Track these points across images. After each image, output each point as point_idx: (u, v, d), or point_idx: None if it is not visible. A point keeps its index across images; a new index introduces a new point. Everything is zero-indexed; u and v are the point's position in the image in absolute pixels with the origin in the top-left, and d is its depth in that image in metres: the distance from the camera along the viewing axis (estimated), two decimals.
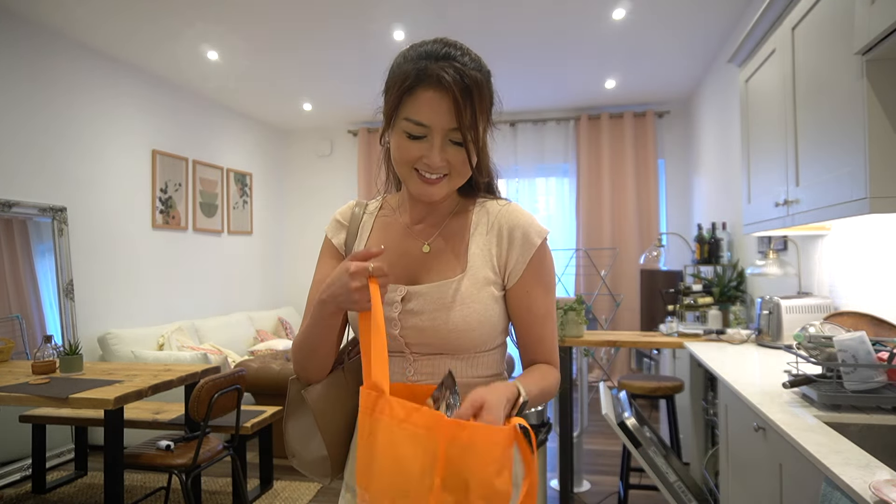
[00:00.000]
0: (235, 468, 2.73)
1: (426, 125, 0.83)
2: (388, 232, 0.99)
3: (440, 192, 0.89)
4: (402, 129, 0.85)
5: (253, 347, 4.82)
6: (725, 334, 2.65)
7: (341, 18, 3.52)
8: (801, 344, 1.60)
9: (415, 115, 0.84)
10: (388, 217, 1.01)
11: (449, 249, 0.94)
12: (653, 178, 5.35)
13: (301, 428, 0.96)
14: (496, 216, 0.95)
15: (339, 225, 1.03)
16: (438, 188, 0.88)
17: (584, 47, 3.99)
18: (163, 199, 4.54)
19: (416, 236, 0.96)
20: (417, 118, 0.83)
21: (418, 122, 0.84)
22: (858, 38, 1.35)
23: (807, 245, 2.60)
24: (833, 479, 1.00)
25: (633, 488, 2.87)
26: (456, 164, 0.87)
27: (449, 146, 0.85)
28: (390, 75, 0.89)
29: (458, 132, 0.84)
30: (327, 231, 1.04)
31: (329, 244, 1.02)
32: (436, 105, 0.82)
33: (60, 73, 3.68)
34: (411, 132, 0.85)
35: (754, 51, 2.31)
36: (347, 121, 5.98)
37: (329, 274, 0.95)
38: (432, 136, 0.84)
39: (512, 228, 0.93)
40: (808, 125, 1.79)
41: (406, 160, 0.87)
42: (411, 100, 0.84)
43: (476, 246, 0.93)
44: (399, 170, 0.89)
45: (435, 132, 0.84)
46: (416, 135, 0.85)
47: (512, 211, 0.95)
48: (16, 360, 3.06)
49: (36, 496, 3.04)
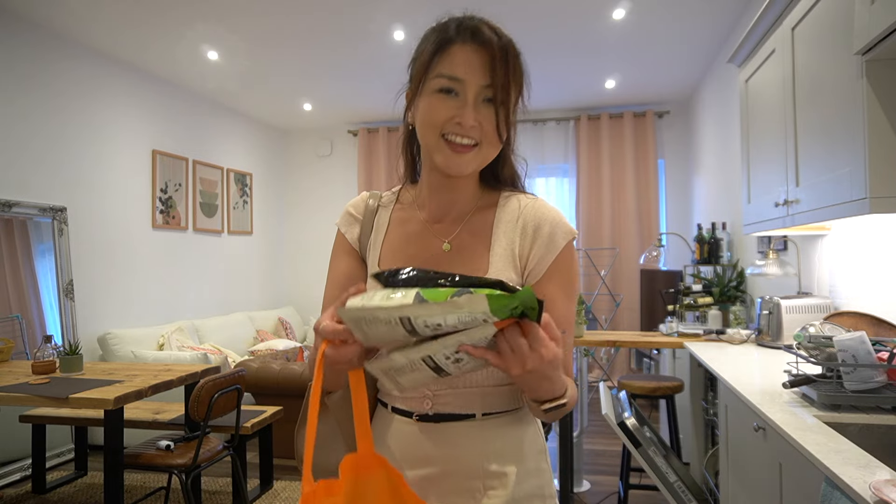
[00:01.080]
0: (235, 468, 2.73)
1: (460, 79, 0.79)
2: (405, 228, 0.93)
3: (469, 164, 0.83)
4: (433, 88, 0.81)
5: (253, 347, 4.82)
6: (725, 334, 2.65)
7: (341, 18, 3.52)
8: (801, 344, 1.60)
9: (448, 69, 0.80)
10: (405, 212, 0.94)
11: (471, 249, 0.88)
12: (653, 178, 5.35)
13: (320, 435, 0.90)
14: (522, 211, 0.89)
15: (352, 219, 0.96)
16: (468, 159, 0.82)
17: (584, 47, 3.99)
18: (163, 199, 4.54)
19: (435, 234, 0.90)
20: (451, 72, 0.80)
21: (452, 76, 0.80)
22: (858, 39, 1.35)
23: (807, 245, 2.60)
24: (833, 479, 1.00)
25: (633, 488, 2.86)
26: (487, 129, 0.81)
27: (482, 106, 0.81)
28: (421, 43, 0.86)
29: (491, 90, 0.80)
30: (339, 225, 0.97)
31: (342, 240, 0.96)
32: (471, 59, 0.79)
33: (60, 74, 3.68)
34: (443, 87, 0.80)
35: (754, 51, 2.31)
36: (347, 121, 5.98)
37: (344, 272, 0.93)
38: (465, 92, 0.80)
39: (538, 224, 0.87)
40: (807, 125, 1.79)
41: (436, 122, 0.81)
42: (445, 56, 0.80)
43: (499, 245, 0.87)
44: (426, 138, 0.83)
45: (469, 87, 0.80)
46: (449, 88, 0.80)
47: (540, 206, 0.89)
48: (16, 360, 3.06)
49: (36, 496, 3.04)
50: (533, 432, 0.90)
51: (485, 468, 0.84)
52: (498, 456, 0.85)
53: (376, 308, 0.64)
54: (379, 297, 0.65)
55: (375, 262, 0.91)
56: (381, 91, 4.89)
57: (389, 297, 0.64)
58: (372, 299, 0.65)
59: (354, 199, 0.98)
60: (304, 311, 6.18)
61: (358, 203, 0.97)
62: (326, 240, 6.17)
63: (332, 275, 0.95)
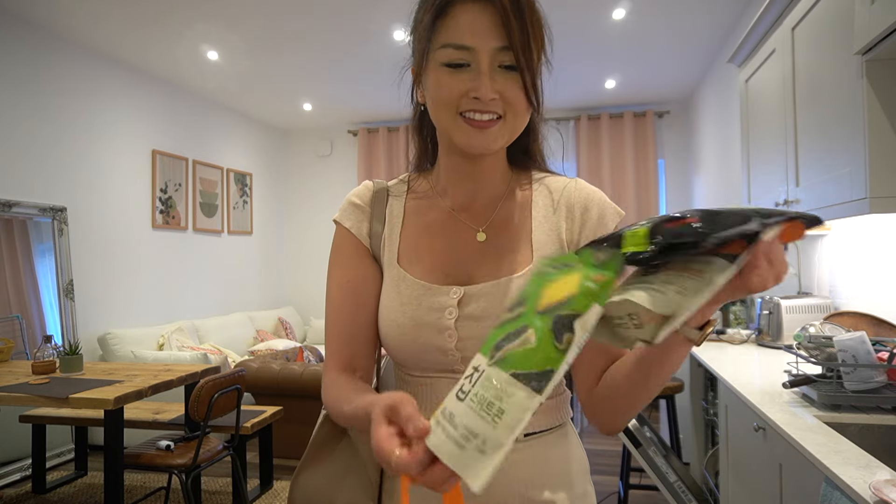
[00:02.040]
0: (235, 468, 2.73)
1: (469, 47, 0.67)
2: (426, 218, 0.80)
3: (496, 140, 0.70)
4: (438, 62, 0.69)
5: (253, 347, 4.82)
6: (725, 334, 2.65)
7: (341, 18, 3.52)
8: (801, 344, 1.60)
9: (454, 37, 0.67)
10: (422, 201, 0.81)
11: (508, 237, 0.76)
12: (653, 178, 5.35)
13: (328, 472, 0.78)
14: (562, 192, 0.78)
15: (358, 210, 0.81)
16: (492, 134, 0.69)
17: (584, 47, 3.99)
18: (163, 199, 4.54)
19: (465, 222, 0.78)
20: (458, 40, 0.67)
21: (459, 44, 0.67)
22: (858, 39, 1.35)
23: (807, 245, 2.60)
24: (833, 479, 1.00)
25: (633, 488, 2.86)
26: (511, 98, 0.68)
27: (499, 74, 0.68)
28: (417, 8, 0.74)
29: (508, 53, 0.67)
30: (341, 219, 0.81)
31: (346, 237, 0.80)
32: (478, 20, 0.66)
33: (60, 74, 3.68)
34: (451, 60, 0.68)
35: (754, 51, 2.31)
36: (347, 121, 5.98)
37: (351, 278, 0.79)
38: (478, 61, 0.67)
39: (586, 206, 0.77)
40: (807, 125, 1.79)
41: (448, 99, 0.69)
42: (446, 22, 0.68)
43: (542, 232, 0.76)
44: (441, 119, 0.71)
45: (481, 54, 0.67)
46: (458, 61, 0.67)
47: (583, 186, 0.79)
48: (16, 360, 3.06)
49: (36, 496, 3.04)
50: (579, 451, 0.80)
51: (529, 497, 0.73)
52: (543, 482, 0.74)
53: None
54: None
55: (394, 258, 0.78)
56: (381, 91, 4.89)
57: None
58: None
59: (357, 188, 0.84)
60: (304, 311, 6.18)
61: (363, 193, 0.83)
62: (327, 240, 6.16)
63: (336, 281, 0.79)
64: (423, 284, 0.75)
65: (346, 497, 0.77)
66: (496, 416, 0.47)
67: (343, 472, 0.78)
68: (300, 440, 3.88)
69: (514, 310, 0.53)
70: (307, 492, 0.78)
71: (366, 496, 0.77)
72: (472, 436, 0.47)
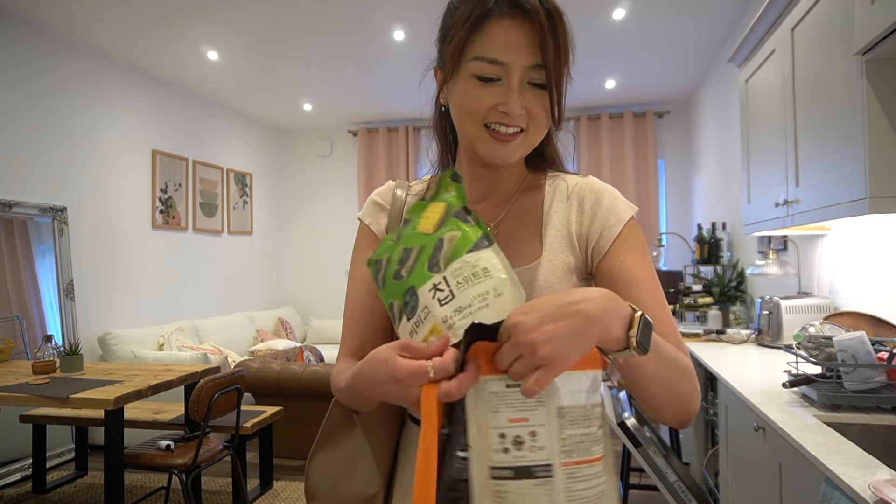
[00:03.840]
0: (235, 468, 2.73)
1: (502, 62, 0.68)
2: None
3: (515, 153, 0.73)
4: (469, 74, 0.70)
5: (253, 347, 4.82)
6: (725, 334, 2.65)
7: (341, 19, 3.52)
8: (801, 344, 1.60)
9: (487, 51, 0.68)
10: None
11: (519, 231, 0.78)
12: (653, 178, 5.35)
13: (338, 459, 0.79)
14: (574, 188, 0.80)
15: (379, 208, 0.84)
16: (513, 147, 0.72)
17: (584, 47, 3.99)
18: (163, 199, 4.54)
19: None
20: (491, 55, 0.68)
21: (493, 59, 0.68)
22: (858, 39, 1.35)
23: (807, 245, 2.60)
24: (833, 479, 1.00)
25: (633, 488, 2.87)
26: (536, 114, 0.71)
27: (528, 90, 0.70)
28: (447, 15, 0.74)
29: (539, 70, 0.68)
30: (363, 217, 0.85)
31: (367, 234, 0.84)
32: (514, 37, 0.67)
33: (61, 74, 3.68)
34: (483, 73, 0.69)
35: (754, 51, 2.31)
36: (347, 121, 5.98)
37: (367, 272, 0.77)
38: (509, 77, 0.69)
39: (597, 198, 0.78)
40: (807, 125, 1.79)
41: (476, 111, 0.70)
42: (481, 35, 0.68)
43: (552, 227, 0.77)
44: (465, 128, 0.73)
45: (513, 71, 0.68)
46: (490, 76, 0.69)
47: (593, 182, 0.80)
48: (16, 360, 3.06)
49: (36, 496, 3.04)
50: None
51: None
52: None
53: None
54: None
55: None
56: (381, 91, 4.89)
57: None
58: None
59: (380, 188, 0.87)
60: (304, 311, 6.18)
61: (385, 192, 0.86)
62: (327, 240, 6.19)
63: (354, 275, 0.83)
64: None
65: (353, 487, 0.78)
66: (484, 274, 0.60)
67: (351, 462, 0.79)
68: (300, 440, 3.88)
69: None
70: (321, 474, 0.79)
71: (372, 485, 0.77)
72: (484, 296, 0.59)
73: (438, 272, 0.62)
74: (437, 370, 0.52)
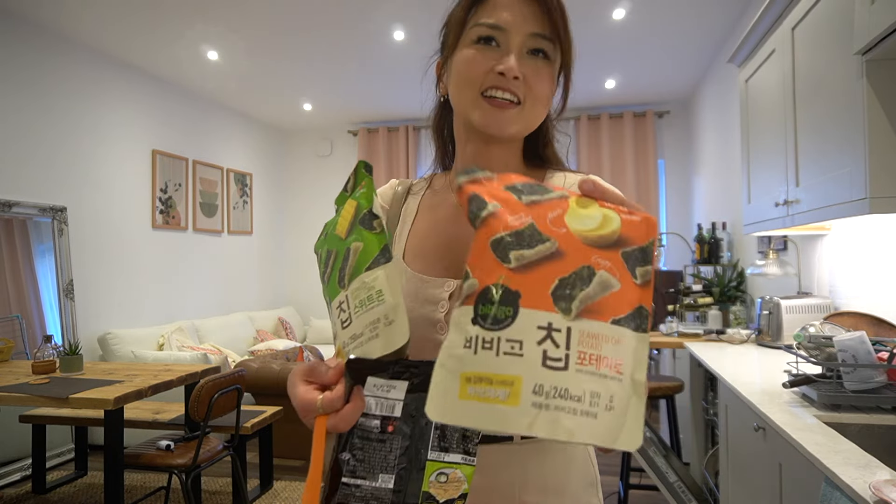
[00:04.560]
0: (235, 468, 2.73)
1: (501, 26, 0.68)
2: (435, 214, 0.81)
3: (511, 122, 0.70)
4: (469, 40, 0.70)
5: (253, 347, 4.82)
6: (725, 334, 2.65)
7: (341, 19, 3.52)
8: (801, 344, 1.60)
9: (488, 17, 0.68)
10: (436, 197, 0.83)
11: None
12: (653, 178, 5.35)
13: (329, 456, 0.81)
14: (573, 186, 0.76)
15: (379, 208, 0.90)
16: (509, 115, 0.70)
17: (584, 47, 3.99)
18: (163, 199, 4.54)
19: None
20: (492, 20, 0.68)
21: (493, 23, 0.68)
22: (858, 39, 1.35)
23: (807, 245, 2.60)
24: (833, 479, 1.00)
25: (633, 488, 2.86)
26: (534, 84, 0.69)
27: (527, 59, 0.69)
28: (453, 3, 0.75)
29: (541, 40, 0.68)
30: None
31: None
32: (516, 6, 0.68)
33: (61, 74, 3.68)
34: (482, 34, 0.69)
35: (754, 51, 2.31)
36: (347, 121, 5.98)
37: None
38: (508, 42, 0.68)
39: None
40: (807, 125, 1.79)
41: (473, 75, 0.69)
42: (485, 5, 0.69)
43: None
44: (462, 95, 0.72)
45: (512, 35, 0.68)
46: (489, 36, 0.69)
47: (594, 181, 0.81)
48: (16, 360, 3.06)
49: (36, 496, 3.04)
50: (583, 461, 0.77)
51: (521, 500, 0.72)
52: (537, 487, 0.73)
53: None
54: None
55: (401, 253, 0.81)
56: (381, 91, 4.89)
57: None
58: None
59: (382, 186, 0.87)
60: (304, 311, 6.18)
61: (385, 191, 0.86)
62: None
63: None
64: (421, 278, 0.76)
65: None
66: (378, 298, 0.55)
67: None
68: (300, 440, 3.88)
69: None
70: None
71: None
72: (375, 324, 0.55)
73: (343, 289, 0.58)
74: (323, 406, 0.52)
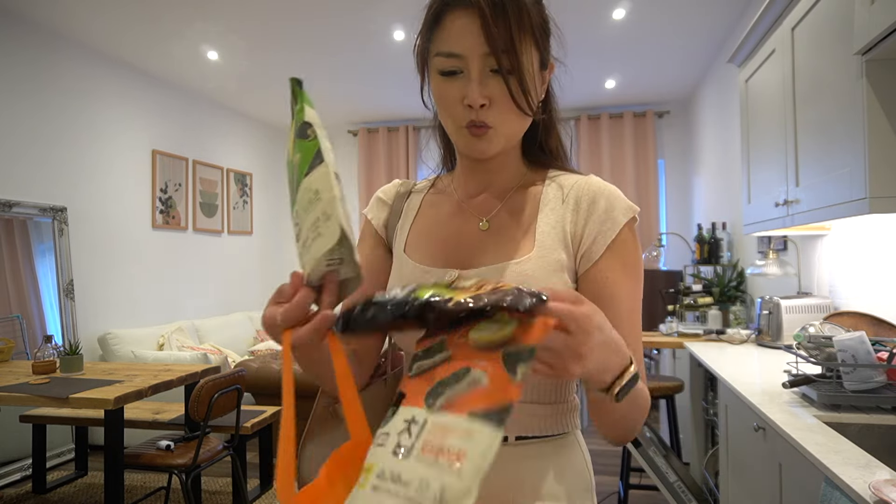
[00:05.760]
0: (235, 468, 2.73)
1: (458, 54, 0.68)
2: (437, 211, 0.83)
3: (490, 147, 0.72)
4: (436, 70, 0.71)
5: (253, 347, 4.82)
6: (725, 334, 2.65)
7: (341, 18, 3.52)
8: (801, 344, 1.60)
9: (445, 45, 0.69)
10: (438, 196, 0.85)
11: (512, 227, 0.77)
12: (653, 178, 5.35)
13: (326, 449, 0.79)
14: (573, 186, 0.77)
15: (381, 203, 0.88)
16: (487, 140, 0.72)
17: (584, 47, 3.99)
18: (163, 199, 4.54)
19: (471, 212, 0.80)
20: (447, 48, 0.69)
21: (449, 52, 0.69)
22: (858, 39, 1.35)
23: (807, 245, 2.60)
24: (833, 479, 1.00)
25: (633, 488, 2.86)
26: (502, 104, 0.69)
27: (490, 78, 0.69)
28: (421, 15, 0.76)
29: (496, 55, 0.68)
30: (366, 212, 0.89)
31: (367, 227, 0.88)
32: (466, 27, 0.68)
33: (61, 74, 3.68)
34: (443, 68, 0.70)
35: (754, 51, 2.31)
36: (347, 121, 5.98)
37: (368, 262, 0.84)
38: (468, 68, 0.69)
39: (594, 199, 0.75)
40: (807, 125, 1.79)
41: (447, 108, 0.72)
42: (439, 31, 0.70)
43: (547, 223, 0.76)
44: (445, 125, 0.75)
45: (470, 61, 0.68)
46: (450, 69, 0.70)
47: (594, 181, 0.77)
48: (16, 360, 3.06)
49: (36, 496, 3.04)
50: (579, 465, 0.77)
51: (516, 502, 0.71)
52: (531, 490, 0.72)
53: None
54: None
55: (402, 247, 0.82)
56: (381, 91, 4.89)
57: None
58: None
59: (385, 185, 0.90)
60: None
61: (388, 188, 0.89)
62: None
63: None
64: (421, 268, 0.77)
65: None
66: (316, 197, 0.53)
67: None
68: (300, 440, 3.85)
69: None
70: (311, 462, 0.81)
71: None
72: (316, 224, 0.53)
73: (294, 204, 0.58)
74: (283, 319, 0.53)
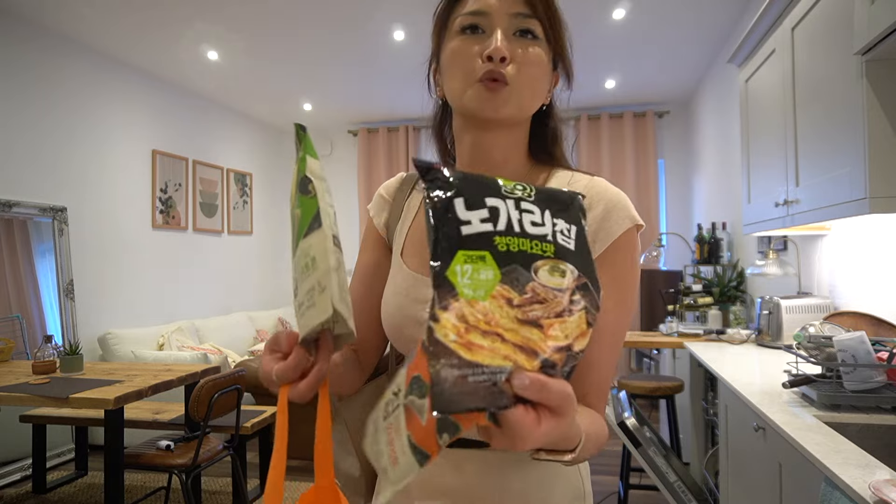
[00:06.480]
0: (235, 468, 2.73)
1: (483, 11, 0.67)
2: None
3: (504, 104, 0.67)
4: (454, 31, 0.69)
5: (253, 347, 4.82)
6: (725, 334, 2.65)
7: (341, 18, 3.52)
8: (800, 344, 1.60)
9: (469, 6, 0.68)
10: None
11: None
12: (653, 178, 5.35)
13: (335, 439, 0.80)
14: (575, 186, 0.73)
15: (383, 202, 0.85)
16: (501, 97, 0.67)
17: (584, 47, 3.99)
18: (163, 199, 4.54)
19: None
20: (473, 7, 0.67)
21: (475, 10, 0.67)
22: (858, 39, 1.35)
23: (807, 245, 2.60)
24: (833, 479, 1.00)
25: (633, 488, 2.86)
26: (523, 63, 0.67)
27: (515, 40, 0.67)
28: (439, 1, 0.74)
29: (527, 20, 0.66)
30: (370, 209, 0.86)
31: (370, 227, 0.85)
32: None
33: (61, 74, 3.68)
34: (465, 23, 0.68)
35: (754, 51, 2.31)
36: (347, 121, 5.98)
37: (369, 265, 0.81)
38: (492, 24, 0.67)
39: (594, 200, 0.70)
40: (807, 125, 1.79)
41: (463, 64, 0.68)
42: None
43: None
44: (454, 84, 0.70)
45: (495, 18, 0.66)
46: (472, 24, 0.68)
47: (598, 183, 0.73)
48: (16, 360, 3.06)
49: (36, 496, 3.04)
50: (570, 475, 0.74)
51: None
52: (518, 497, 0.70)
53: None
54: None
55: (399, 250, 0.79)
56: (381, 91, 4.89)
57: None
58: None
59: (388, 180, 0.87)
60: None
61: (390, 185, 0.86)
62: None
63: (356, 267, 0.84)
64: (414, 276, 0.74)
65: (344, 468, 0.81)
66: (313, 265, 0.53)
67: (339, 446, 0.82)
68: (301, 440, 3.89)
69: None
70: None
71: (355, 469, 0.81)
72: (311, 292, 0.52)
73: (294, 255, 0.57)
74: (278, 376, 0.53)
